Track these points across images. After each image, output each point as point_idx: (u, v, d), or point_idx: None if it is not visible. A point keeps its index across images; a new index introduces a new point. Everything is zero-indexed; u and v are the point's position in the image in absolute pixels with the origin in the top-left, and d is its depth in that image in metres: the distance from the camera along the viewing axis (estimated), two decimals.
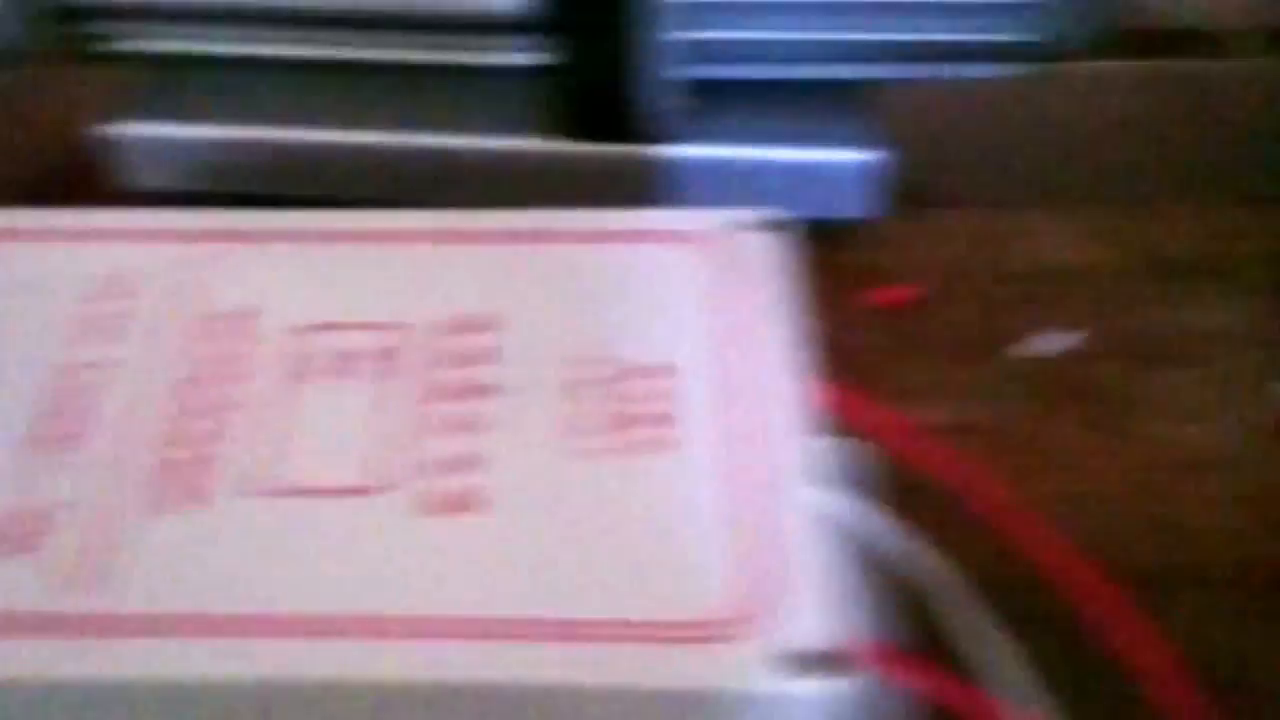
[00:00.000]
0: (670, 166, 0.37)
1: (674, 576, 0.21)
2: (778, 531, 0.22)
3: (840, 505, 0.24)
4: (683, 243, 0.27)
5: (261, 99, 0.39)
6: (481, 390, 0.24)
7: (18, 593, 0.21)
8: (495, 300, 0.26)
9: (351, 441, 0.24)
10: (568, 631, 0.21)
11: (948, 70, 0.37)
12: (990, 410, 0.34)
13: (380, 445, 0.24)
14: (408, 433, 0.24)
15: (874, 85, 0.38)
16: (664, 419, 0.24)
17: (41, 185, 0.30)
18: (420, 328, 0.26)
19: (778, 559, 0.22)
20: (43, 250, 0.27)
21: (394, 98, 0.38)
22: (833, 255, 0.32)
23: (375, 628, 0.21)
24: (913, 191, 0.39)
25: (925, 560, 0.27)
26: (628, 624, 0.21)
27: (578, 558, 0.22)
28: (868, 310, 0.37)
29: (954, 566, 0.28)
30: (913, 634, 0.25)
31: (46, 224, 0.28)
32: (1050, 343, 0.36)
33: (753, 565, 0.22)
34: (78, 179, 0.39)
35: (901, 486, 0.28)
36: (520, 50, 0.37)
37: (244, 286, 0.27)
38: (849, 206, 0.38)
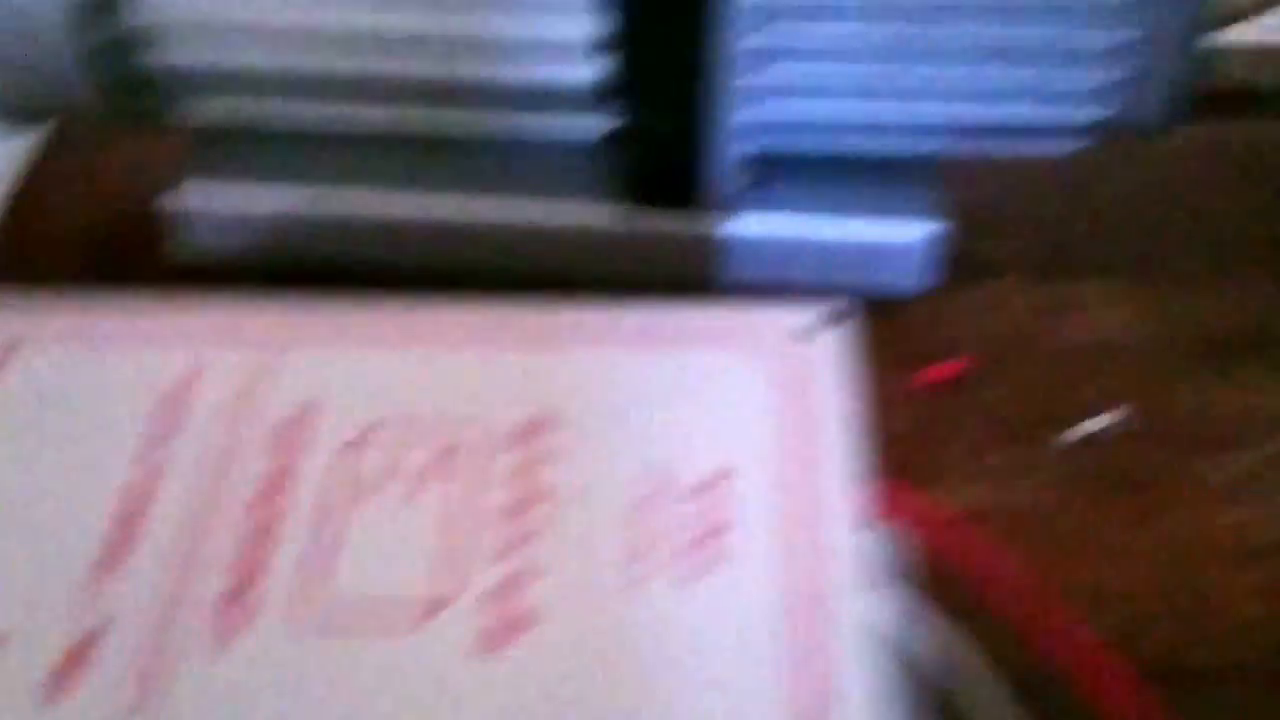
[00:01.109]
0: (734, 236, 0.38)
1: (722, 703, 0.22)
2: (828, 650, 0.22)
3: (881, 606, 0.24)
4: (741, 346, 0.27)
5: (324, 169, 0.39)
6: (539, 498, 0.25)
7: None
8: (553, 404, 0.26)
9: (407, 557, 0.24)
10: None
11: (1017, 147, 0.37)
12: (1031, 495, 0.34)
13: (435, 561, 0.24)
14: (462, 547, 0.24)
15: (937, 160, 0.38)
16: (722, 529, 0.24)
17: (102, 252, 0.29)
18: (476, 433, 0.26)
19: (827, 680, 0.22)
20: (99, 355, 0.28)
21: (456, 168, 0.39)
22: (881, 328, 0.32)
23: None
24: (963, 261, 0.39)
25: (956, 652, 0.28)
26: None
27: (627, 684, 0.22)
28: (913, 388, 0.37)
29: (984, 659, 0.28)
30: None
31: (99, 327, 0.28)
32: (1096, 422, 0.36)
33: (801, 688, 0.22)
34: (138, 247, 0.39)
35: (936, 576, 0.28)
36: (587, 120, 0.37)
37: (298, 393, 0.27)
38: (907, 280, 0.38)
